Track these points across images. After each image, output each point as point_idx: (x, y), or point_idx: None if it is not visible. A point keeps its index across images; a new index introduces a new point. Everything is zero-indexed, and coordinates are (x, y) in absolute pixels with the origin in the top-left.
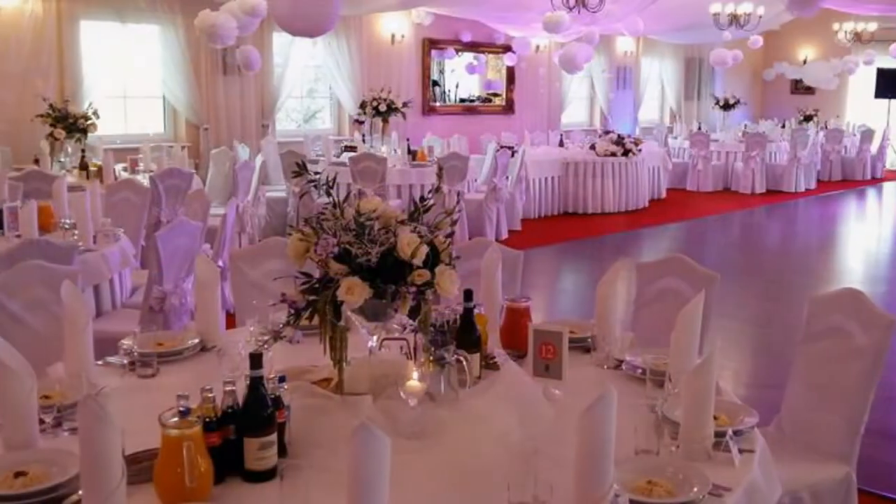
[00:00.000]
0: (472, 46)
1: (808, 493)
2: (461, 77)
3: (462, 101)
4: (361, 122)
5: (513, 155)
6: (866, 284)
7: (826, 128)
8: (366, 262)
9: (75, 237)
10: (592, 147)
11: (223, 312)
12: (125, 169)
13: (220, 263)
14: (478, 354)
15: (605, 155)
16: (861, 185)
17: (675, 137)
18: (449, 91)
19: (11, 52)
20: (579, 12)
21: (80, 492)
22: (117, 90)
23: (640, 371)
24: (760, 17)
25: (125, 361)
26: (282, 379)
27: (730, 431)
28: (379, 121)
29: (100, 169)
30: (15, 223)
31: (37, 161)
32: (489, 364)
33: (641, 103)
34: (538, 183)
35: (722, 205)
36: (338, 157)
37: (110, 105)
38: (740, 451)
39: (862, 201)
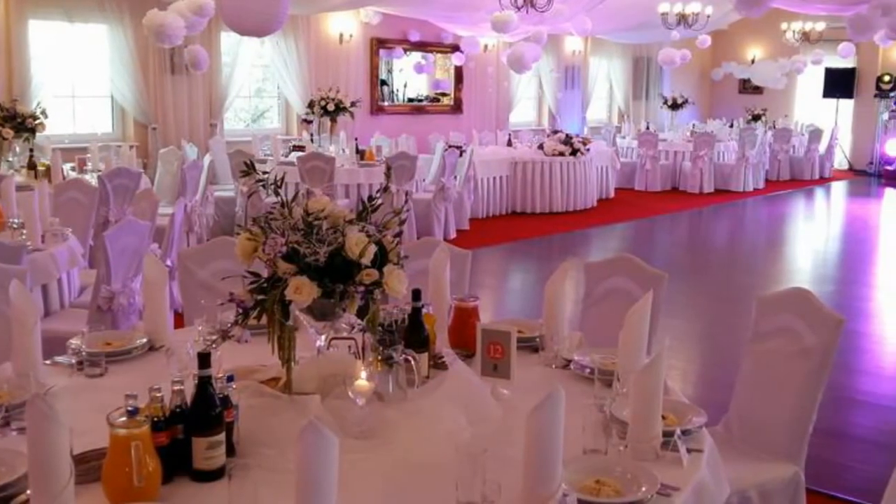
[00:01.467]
0: (421, 46)
1: (757, 493)
2: (409, 76)
3: (410, 100)
4: (309, 122)
5: (461, 154)
6: (814, 284)
7: (774, 127)
8: (314, 261)
9: (23, 237)
10: (540, 147)
11: (171, 312)
12: (73, 168)
13: (169, 263)
14: (426, 354)
15: (553, 154)
16: (809, 184)
17: (624, 137)
18: (397, 91)
19: None
20: (527, 12)
21: (29, 491)
22: (65, 90)
23: (588, 370)
24: (709, 16)
25: (73, 361)
26: (230, 378)
27: (678, 431)
28: (327, 120)
29: (48, 168)
30: None
31: None
32: (437, 363)
33: (589, 103)
34: (486, 182)
35: (670, 204)
36: (286, 156)
37: (58, 104)
38: (688, 450)
39: (810, 201)
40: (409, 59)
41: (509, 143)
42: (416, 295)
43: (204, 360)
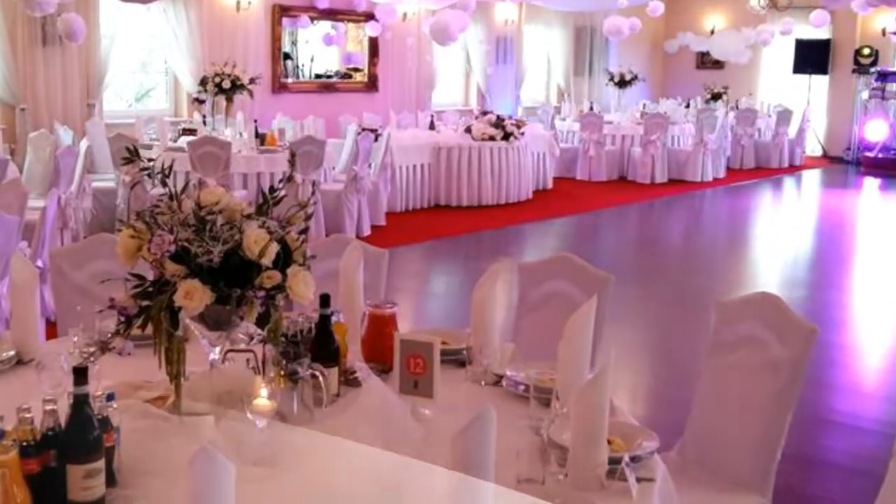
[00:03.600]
0: (330, 14)
1: None
2: (317, 49)
3: (318, 76)
4: (202, 102)
5: (376, 139)
6: (783, 288)
7: (737, 108)
8: (207, 262)
9: None
10: (468, 130)
11: (42, 320)
12: None
13: (40, 264)
14: (336, 368)
15: (483, 139)
16: (777, 173)
17: (563, 119)
18: (303, 66)
19: None
20: None
21: None
22: None
23: (522, 388)
24: None
25: None
26: (110, 397)
27: (626, 457)
28: (222, 100)
29: None
30: None
31: None
32: (349, 380)
33: (524, 80)
34: (405, 171)
35: (617, 196)
36: (175, 141)
37: None
38: (638, 479)
39: (778, 192)
40: (317, 30)
41: (432, 126)
42: (325, 301)
43: (80, 375)
